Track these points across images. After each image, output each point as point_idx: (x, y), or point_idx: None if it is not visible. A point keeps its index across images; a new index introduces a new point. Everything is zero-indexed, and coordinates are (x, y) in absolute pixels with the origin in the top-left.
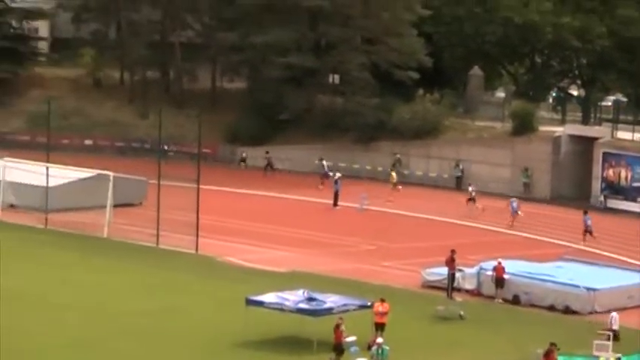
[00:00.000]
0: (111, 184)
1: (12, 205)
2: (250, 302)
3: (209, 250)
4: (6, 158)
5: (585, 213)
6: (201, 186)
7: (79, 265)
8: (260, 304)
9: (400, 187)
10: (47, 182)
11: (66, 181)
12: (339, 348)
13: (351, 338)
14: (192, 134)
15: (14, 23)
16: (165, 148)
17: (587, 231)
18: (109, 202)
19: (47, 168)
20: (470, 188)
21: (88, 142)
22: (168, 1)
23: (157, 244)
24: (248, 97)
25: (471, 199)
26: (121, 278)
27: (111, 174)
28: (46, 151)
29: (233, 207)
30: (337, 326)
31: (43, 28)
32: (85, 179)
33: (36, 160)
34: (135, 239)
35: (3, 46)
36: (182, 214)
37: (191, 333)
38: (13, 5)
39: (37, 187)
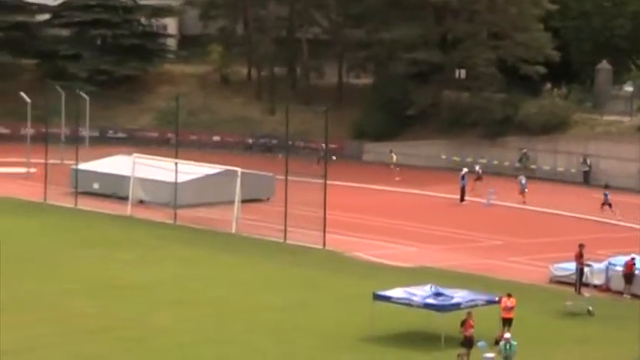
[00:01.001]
0: (239, 180)
1: (141, 201)
2: (378, 297)
3: (336, 245)
4: (135, 155)
5: None
6: (327, 181)
7: (207, 260)
8: (387, 299)
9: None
10: (176, 178)
11: (194, 177)
12: (468, 342)
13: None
14: (318, 130)
15: (143, 20)
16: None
17: None
18: (237, 197)
19: (176, 164)
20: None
21: (215, 138)
22: None
23: (285, 239)
24: (374, 93)
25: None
26: (249, 274)
27: (239, 170)
28: (175, 147)
29: (359, 202)
30: (465, 320)
31: (171, 25)
32: (213, 175)
33: (165, 157)
34: (263, 235)
35: (132, 43)
36: (309, 210)
37: (319, 328)
38: (142, 3)
39: (166, 183)
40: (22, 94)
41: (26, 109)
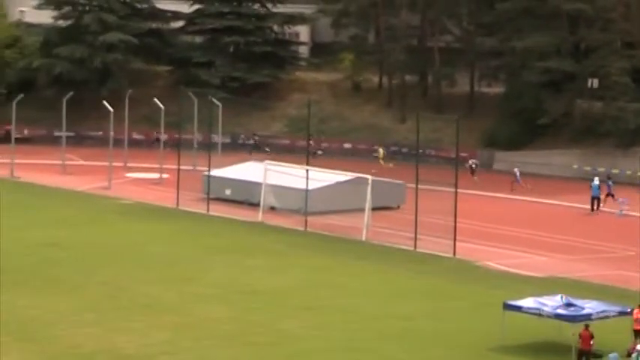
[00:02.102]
0: (369, 188)
1: (273, 208)
2: (508, 307)
3: (466, 254)
4: (267, 161)
5: None
6: (458, 190)
7: (337, 268)
8: (518, 308)
9: None
10: (307, 185)
11: (325, 184)
12: (585, 355)
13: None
14: (449, 138)
15: (275, 28)
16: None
17: None
18: (368, 205)
19: (307, 171)
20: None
21: (346, 145)
22: (427, 6)
23: (415, 247)
24: (506, 102)
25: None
26: (378, 281)
27: (369, 177)
28: (306, 154)
29: (490, 211)
30: (582, 332)
31: (303, 32)
32: (344, 182)
33: (296, 164)
34: (393, 243)
35: (264, 50)
36: (440, 218)
37: (449, 337)
38: (275, 10)
39: (297, 190)
40: (156, 100)
41: (159, 116)
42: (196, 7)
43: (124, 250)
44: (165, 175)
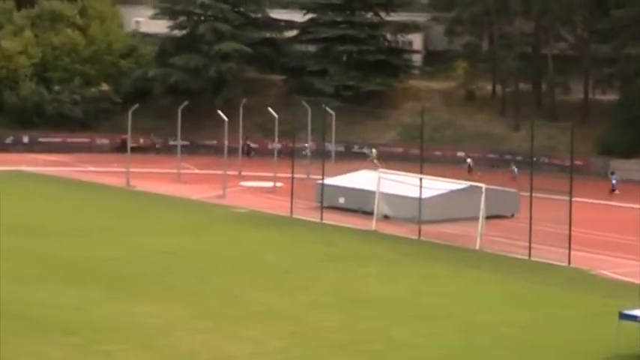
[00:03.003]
0: (483, 196)
1: (386, 216)
2: (624, 316)
3: (581, 263)
4: (380, 170)
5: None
6: (573, 198)
7: (450, 276)
8: (634, 318)
9: None
10: (420, 194)
11: (439, 192)
12: None
13: None
14: (563, 146)
15: (389, 36)
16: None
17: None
18: (482, 213)
19: (420, 179)
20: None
21: (459, 154)
22: (541, 14)
23: (529, 256)
24: (620, 110)
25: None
26: (492, 290)
27: (483, 186)
28: (419, 162)
29: (605, 220)
30: None
31: (416, 40)
32: (457, 191)
33: (409, 172)
34: (506, 251)
35: (378, 59)
36: (554, 227)
37: (563, 346)
38: (388, 19)
39: (410, 198)
40: (270, 109)
41: (273, 125)
42: (310, 16)
43: (239, 258)
44: (279, 184)
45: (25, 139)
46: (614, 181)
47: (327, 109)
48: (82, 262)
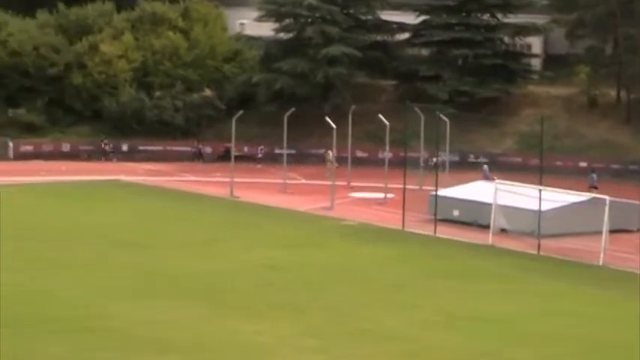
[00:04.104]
0: (606, 209)
1: (503, 230)
2: None
3: None
4: (497, 180)
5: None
6: None
7: (570, 294)
8: None
9: None
10: (539, 206)
11: (559, 205)
12: None
13: None
14: None
15: (506, 39)
16: None
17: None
18: (605, 228)
19: (539, 191)
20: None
21: (582, 164)
22: None
23: None
24: None
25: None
26: (617, 309)
27: (607, 198)
28: (539, 173)
29: None
30: None
31: (535, 44)
32: (579, 203)
33: (527, 183)
34: (633, 267)
35: (494, 63)
36: None
37: None
38: (506, 21)
39: (529, 211)
40: (380, 116)
41: (384, 132)
42: (423, 18)
43: (347, 273)
44: (390, 195)
45: (124, 148)
46: None
47: (442, 116)
48: (183, 276)
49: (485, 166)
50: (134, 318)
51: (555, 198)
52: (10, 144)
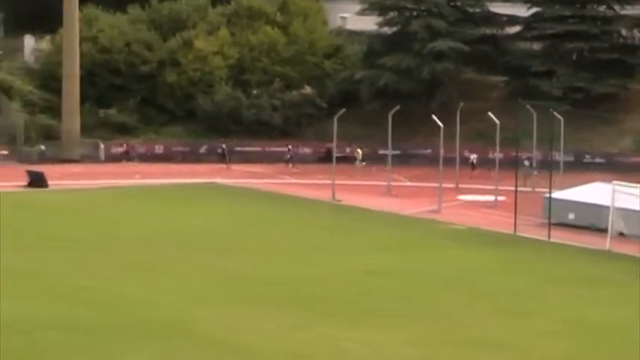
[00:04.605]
0: None
1: (621, 234)
2: None
3: None
4: (615, 182)
5: None
6: None
7: None
8: None
9: None
10: None
11: None
12: None
13: None
14: None
15: (624, 32)
16: None
17: None
18: None
19: None
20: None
21: None
22: None
23: None
24: None
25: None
26: None
27: None
28: None
29: None
30: None
31: None
32: None
33: None
34: None
35: (611, 57)
36: None
37: None
38: (623, 12)
39: None
40: (490, 114)
41: (494, 131)
42: (534, 10)
43: (456, 280)
44: (501, 198)
45: (219, 149)
46: None
47: (555, 113)
48: (280, 282)
49: (527, 162)
50: (226, 325)
51: None
52: (102, 145)
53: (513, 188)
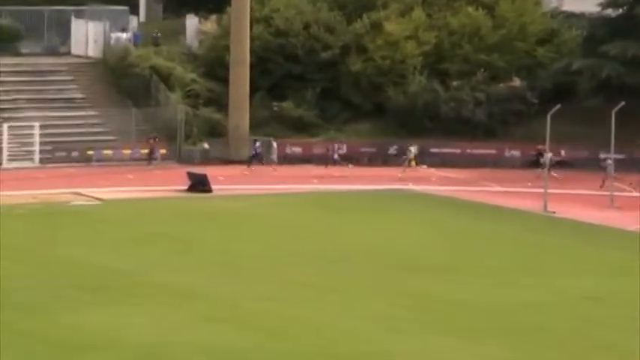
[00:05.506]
0: None
1: None
2: None
3: None
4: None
5: None
6: None
7: None
8: None
9: None
10: None
11: None
12: None
13: None
14: None
15: None
16: None
17: None
18: None
19: None
20: None
21: None
22: None
23: None
24: None
25: None
26: None
27: None
28: None
29: None
30: None
31: None
32: None
33: None
34: None
35: None
36: None
37: None
38: None
39: None
40: None
41: None
42: None
43: None
44: None
45: (413, 150)
46: None
47: None
48: (485, 309)
49: (609, 161)
50: (422, 358)
51: None
52: (274, 144)
53: None
